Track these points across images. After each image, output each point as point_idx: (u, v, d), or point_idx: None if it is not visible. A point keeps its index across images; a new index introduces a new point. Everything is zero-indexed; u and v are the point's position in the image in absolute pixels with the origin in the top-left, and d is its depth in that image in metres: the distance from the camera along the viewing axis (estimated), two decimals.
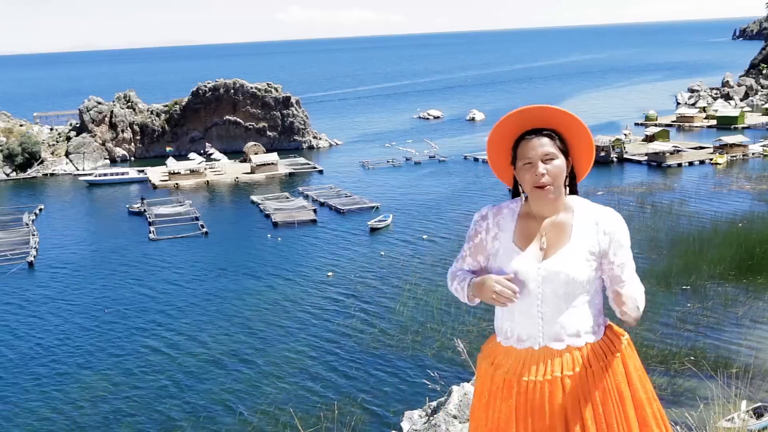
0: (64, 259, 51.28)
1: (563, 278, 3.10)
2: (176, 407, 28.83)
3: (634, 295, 3.01)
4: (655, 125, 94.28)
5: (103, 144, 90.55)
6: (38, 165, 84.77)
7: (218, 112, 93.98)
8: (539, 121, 3.18)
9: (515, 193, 3.36)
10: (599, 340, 3.22)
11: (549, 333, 3.17)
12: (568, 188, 3.24)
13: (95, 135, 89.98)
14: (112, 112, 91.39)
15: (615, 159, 75.00)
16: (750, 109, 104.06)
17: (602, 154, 75.14)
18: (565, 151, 3.19)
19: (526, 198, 3.26)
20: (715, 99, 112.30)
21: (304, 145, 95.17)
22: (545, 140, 3.14)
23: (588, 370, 3.14)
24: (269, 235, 54.55)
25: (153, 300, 41.82)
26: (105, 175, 79.23)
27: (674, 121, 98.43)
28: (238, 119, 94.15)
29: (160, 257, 50.66)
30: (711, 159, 73.27)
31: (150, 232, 56.85)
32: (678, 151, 75.65)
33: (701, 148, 78.54)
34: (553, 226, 3.19)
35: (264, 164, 79.45)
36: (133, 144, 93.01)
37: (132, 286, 44.67)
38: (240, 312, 39.13)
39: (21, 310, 41.37)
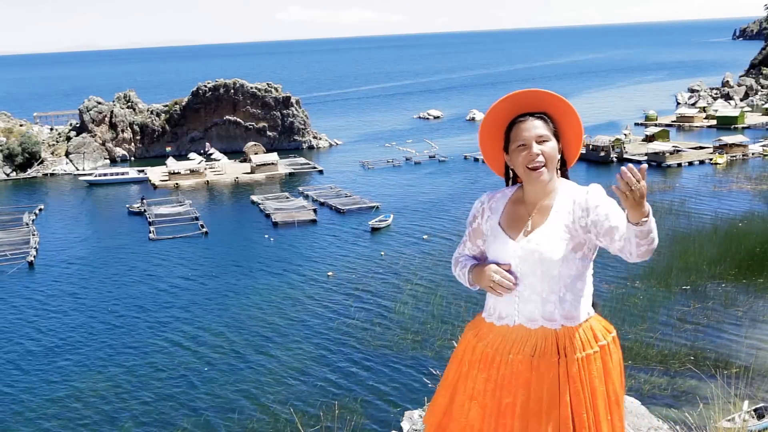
0: (64, 258, 51.27)
1: (537, 257, 3.15)
2: (176, 405, 28.82)
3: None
4: (655, 125, 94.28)
5: (103, 144, 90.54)
6: (38, 165, 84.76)
7: (218, 112, 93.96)
8: (531, 105, 3.25)
9: (507, 182, 3.45)
10: (579, 329, 3.22)
11: (524, 312, 3.22)
12: (559, 172, 3.30)
13: (95, 135, 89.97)
14: (112, 112, 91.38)
15: (615, 159, 74.93)
16: (750, 109, 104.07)
17: (602, 154, 75.13)
18: (556, 135, 3.26)
19: (521, 185, 3.34)
20: (715, 99, 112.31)
21: (304, 145, 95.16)
22: (538, 122, 3.22)
23: (562, 359, 3.16)
24: (266, 236, 54.57)
25: (153, 300, 41.81)
26: (105, 175, 79.21)
27: (674, 121, 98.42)
28: (238, 119, 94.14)
29: (160, 257, 50.65)
30: (711, 159, 73.27)
31: (150, 232, 56.84)
32: (678, 151, 75.64)
33: (701, 148, 78.54)
34: (538, 209, 3.25)
35: (264, 164, 79.45)
36: (133, 144, 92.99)
37: (132, 285, 44.66)
38: (239, 312, 39.13)
39: (21, 309, 41.36)
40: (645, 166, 2.82)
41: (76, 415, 28.66)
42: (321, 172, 79.57)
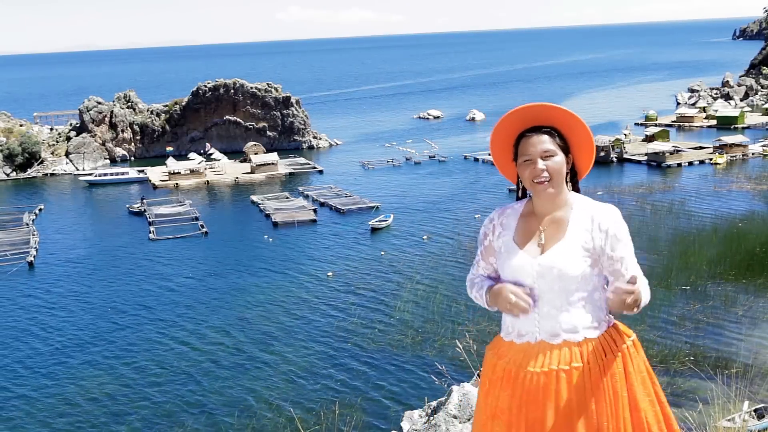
0: (64, 259, 51.28)
1: (556, 273, 3.15)
2: (176, 405, 28.82)
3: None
4: (655, 125, 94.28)
5: (103, 144, 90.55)
6: (38, 165, 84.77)
7: (218, 112, 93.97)
8: (539, 118, 3.25)
9: (519, 191, 3.43)
10: (600, 338, 3.23)
11: (545, 328, 3.21)
12: (570, 185, 3.30)
13: (95, 135, 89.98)
14: (112, 112, 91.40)
15: (615, 159, 74.99)
16: (750, 109, 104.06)
17: (602, 154, 75.13)
18: (566, 149, 3.25)
19: (530, 198, 3.33)
20: (715, 99, 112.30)
21: (304, 145, 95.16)
22: (544, 137, 3.21)
23: (585, 366, 3.16)
24: (265, 236, 54.56)
25: (152, 300, 41.81)
26: (105, 175, 79.23)
27: (674, 121, 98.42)
28: (238, 119, 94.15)
29: (160, 257, 50.65)
30: (711, 159, 73.26)
31: (150, 232, 56.85)
32: (678, 151, 75.63)
33: (701, 148, 78.53)
34: (551, 222, 3.24)
35: (264, 164, 79.45)
36: (133, 144, 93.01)
37: (132, 286, 44.66)
38: (240, 312, 39.13)
39: (20, 310, 41.36)
40: (634, 277, 2.96)
41: (79, 413, 28.66)
42: (321, 172, 79.58)
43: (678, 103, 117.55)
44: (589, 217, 3.19)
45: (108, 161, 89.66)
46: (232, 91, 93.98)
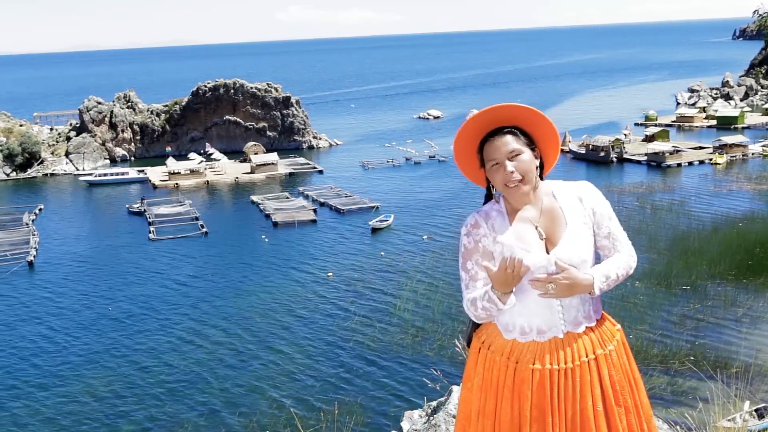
0: (64, 259, 51.27)
1: (577, 262, 3.14)
2: (175, 406, 28.82)
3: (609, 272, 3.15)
4: (655, 125, 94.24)
5: (103, 144, 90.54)
6: (38, 165, 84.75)
7: (218, 112, 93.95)
8: (499, 120, 3.23)
9: (489, 194, 3.39)
10: (604, 321, 3.34)
11: (569, 319, 3.21)
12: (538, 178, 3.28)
13: (95, 135, 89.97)
14: (112, 112, 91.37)
15: (615, 159, 74.95)
16: (750, 109, 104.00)
17: (602, 154, 75.16)
18: (531, 145, 3.24)
19: (502, 196, 3.31)
20: (715, 99, 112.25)
21: (304, 145, 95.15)
22: (507, 138, 3.20)
23: (606, 352, 3.24)
24: (263, 236, 54.52)
25: (152, 300, 41.82)
26: (105, 175, 79.20)
27: (674, 121, 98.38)
28: (238, 119, 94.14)
29: (160, 257, 50.66)
30: (711, 159, 73.25)
31: (150, 232, 56.84)
32: (678, 151, 75.59)
33: (701, 148, 78.51)
34: (543, 214, 3.23)
35: (264, 164, 79.44)
36: (133, 144, 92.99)
37: (132, 286, 44.67)
38: (239, 312, 39.14)
39: (21, 309, 41.36)
40: (560, 264, 3.09)
41: (80, 411, 28.66)
42: (321, 172, 79.56)
43: (678, 103, 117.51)
44: (576, 198, 3.24)
45: (108, 161, 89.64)
46: (232, 91, 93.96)
